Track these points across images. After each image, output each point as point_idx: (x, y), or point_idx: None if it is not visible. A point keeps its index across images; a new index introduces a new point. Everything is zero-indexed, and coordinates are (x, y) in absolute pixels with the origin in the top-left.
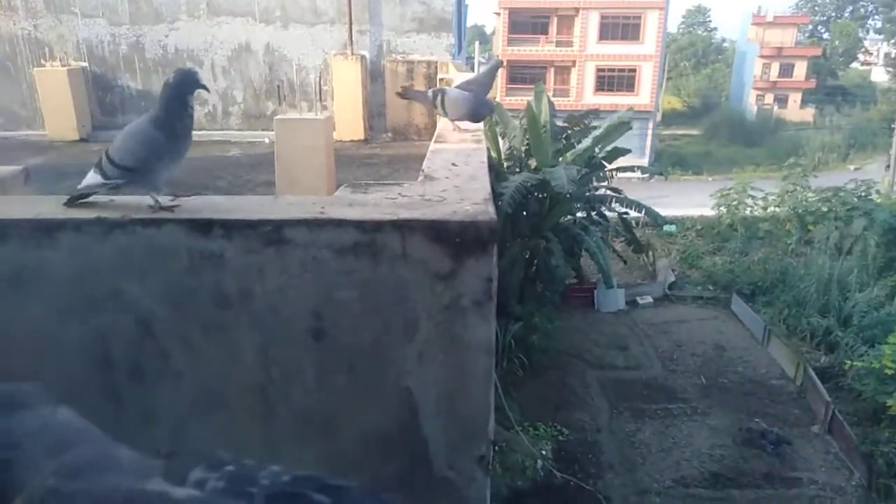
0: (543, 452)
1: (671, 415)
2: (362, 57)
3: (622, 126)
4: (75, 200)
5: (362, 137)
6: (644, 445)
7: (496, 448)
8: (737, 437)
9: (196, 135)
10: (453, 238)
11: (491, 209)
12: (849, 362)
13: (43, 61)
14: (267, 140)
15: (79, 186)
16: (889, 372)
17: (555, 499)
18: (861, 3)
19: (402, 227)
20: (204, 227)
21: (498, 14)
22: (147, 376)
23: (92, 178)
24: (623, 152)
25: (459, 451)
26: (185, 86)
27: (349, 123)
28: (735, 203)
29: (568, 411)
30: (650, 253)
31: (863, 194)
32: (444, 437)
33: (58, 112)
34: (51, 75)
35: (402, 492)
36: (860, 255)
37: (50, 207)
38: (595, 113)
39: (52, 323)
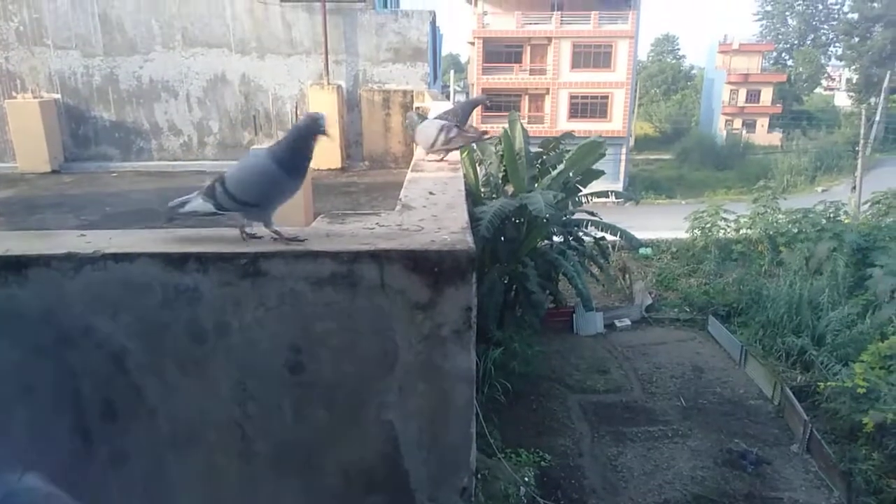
0: (526, 479)
1: (652, 437)
2: (339, 86)
3: (595, 147)
4: (174, 220)
5: (339, 166)
6: (626, 469)
7: (479, 476)
8: (717, 458)
9: (170, 165)
10: (432, 267)
11: (469, 238)
12: (822, 384)
13: (14, 93)
14: None
15: (185, 209)
16: (861, 391)
17: None
18: (822, 31)
19: (380, 257)
20: (178, 260)
21: (472, 43)
22: (120, 414)
23: (201, 205)
24: (597, 174)
25: (441, 482)
26: (312, 130)
27: (326, 152)
28: (708, 225)
29: (550, 436)
30: (627, 276)
31: (831, 216)
32: (426, 469)
33: (29, 144)
34: (22, 107)
35: None
36: (830, 275)
37: (19, 244)
38: (569, 136)
39: (22, 359)
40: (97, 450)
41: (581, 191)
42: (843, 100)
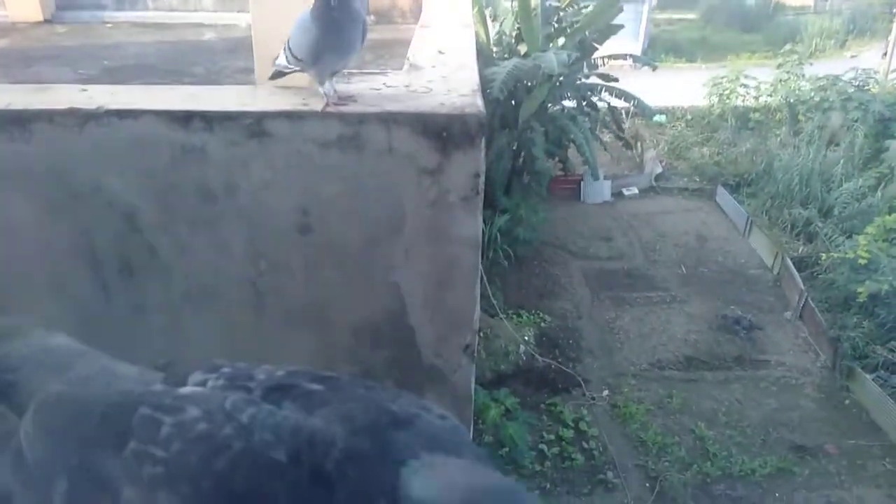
0: (526, 338)
1: (651, 303)
2: None
3: (613, 3)
4: (275, 77)
5: None
6: (623, 331)
7: (481, 334)
8: (712, 323)
9: (167, 16)
10: (440, 132)
11: (479, 101)
12: (824, 255)
13: None
14: (244, 23)
15: (276, 62)
16: (862, 262)
17: (536, 381)
18: None
19: (388, 120)
20: (183, 118)
21: None
22: (136, 271)
23: (282, 58)
24: (616, 29)
25: (446, 340)
26: None
27: None
28: (727, 92)
29: (551, 299)
30: (638, 144)
31: (860, 84)
32: (432, 328)
33: None
34: None
35: (391, 378)
36: (847, 146)
37: (20, 98)
38: None
39: (37, 218)
40: (116, 304)
41: (597, 49)
42: None
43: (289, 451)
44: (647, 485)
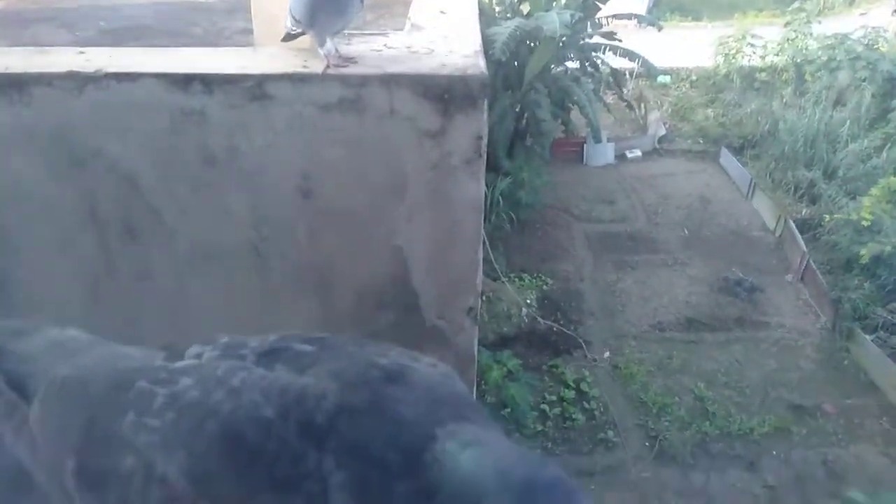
0: (528, 301)
1: (652, 265)
2: None
3: None
4: (287, 40)
5: None
6: (624, 294)
7: (483, 298)
8: (713, 285)
9: None
10: (442, 93)
11: (482, 62)
12: (828, 217)
13: None
14: None
15: (285, 24)
16: (866, 224)
17: (537, 343)
18: None
19: (389, 82)
20: (183, 81)
21: None
22: (139, 235)
23: (288, 19)
24: None
25: (449, 302)
26: None
27: None
28: (733, 52)
29: (553, 263)
30: (642, 105)
31: (869, 43)
32: (435, 291)
33: None
34: None
35: (394, 340)
36: (854, 106)
37: (19, 61)
38: None
39: (39, 182)
40: (121, 268)
41: (601, 8)
42: None
43: (277, 407)
44: (647, 444)
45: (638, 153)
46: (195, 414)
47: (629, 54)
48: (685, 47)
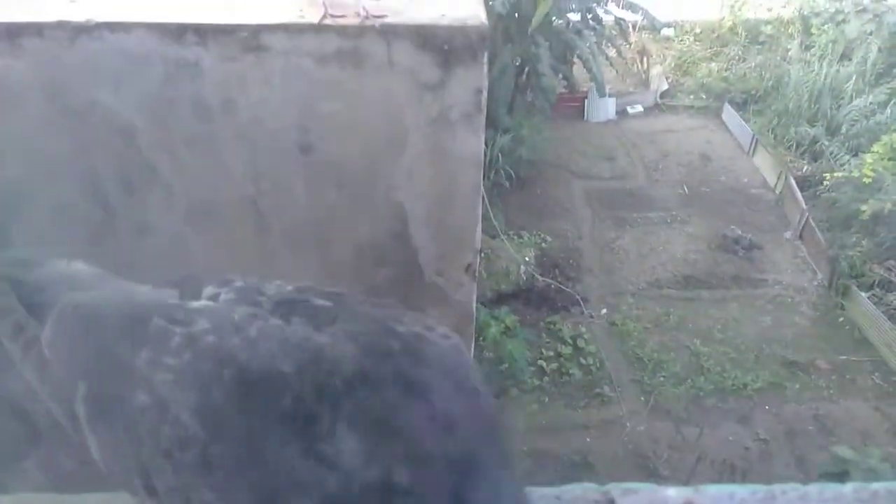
0: (527, 259)
1: (651, 223)
2: None
3: None
4: None
5: None
6: (623, 251)
7: (482, 255)
8: (712, 242)
9: None
10: (441, 45)
11: (482, 13)
12: (829, 174)
13: None
14: None
15: None
16: (867, 181)
17: (535, 300)
18: None
19: (388, 32)
20: (176, 31)
21: None
22: (137, 190)
23: None
24: None
25: (448, 259)
26: None
27: None
28: (739, 3)
29: (551, 220)
30: (645, 59)
31: None
32: (434, 247)
33: None
34: None
35: (394, 296)
36: (860, 60)
37: (5, 11)
38: None
39: (33, 136)
40: (119, 224)
41: None
42: None
43: (294, 363)
44: (642, 398)
45: (639, 109)
46: (212, 359)
47: (632, 6)
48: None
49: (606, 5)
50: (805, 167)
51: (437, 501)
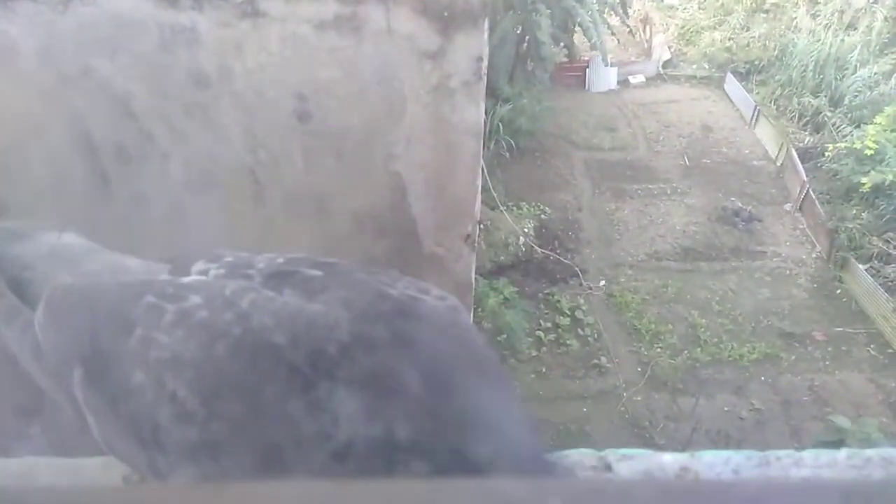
0: (526, 230)
1: (651, 194)
2: None
3: None
4: None
5: None
6: (622, 223)
7: (481, 226)
8: (711, 214)
9: None
10: (441, 11)
11: None
12: (831, 145)
13: None
14: None
15: None
16: (869, 153)
17: (534, 271)
18: None
19: None
20: None
21: None
22: (133, 158)
23: None
24: None
25: (447, 229)
26: None
27: None
28: None
29: (551, 191)
30: (647, 28)
31: None
32: (433, 217)
33: None
34: None
35: (392, 267)
36: (865, 30)
37: None
38: None
39: (28, 103)
40: (116, 192)
41: None
42: None
43: (288, 334)
44: (639, 369)
45: (641, 78)
46: (205, 334)
47: None
48: None
49: None
50: (807, 138)
51: (441, 456)
